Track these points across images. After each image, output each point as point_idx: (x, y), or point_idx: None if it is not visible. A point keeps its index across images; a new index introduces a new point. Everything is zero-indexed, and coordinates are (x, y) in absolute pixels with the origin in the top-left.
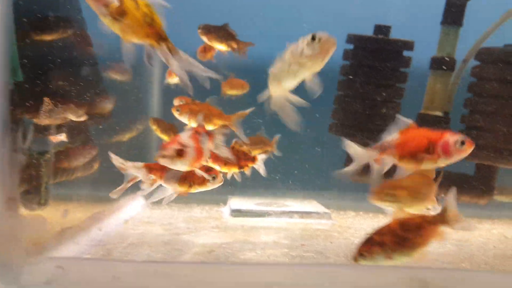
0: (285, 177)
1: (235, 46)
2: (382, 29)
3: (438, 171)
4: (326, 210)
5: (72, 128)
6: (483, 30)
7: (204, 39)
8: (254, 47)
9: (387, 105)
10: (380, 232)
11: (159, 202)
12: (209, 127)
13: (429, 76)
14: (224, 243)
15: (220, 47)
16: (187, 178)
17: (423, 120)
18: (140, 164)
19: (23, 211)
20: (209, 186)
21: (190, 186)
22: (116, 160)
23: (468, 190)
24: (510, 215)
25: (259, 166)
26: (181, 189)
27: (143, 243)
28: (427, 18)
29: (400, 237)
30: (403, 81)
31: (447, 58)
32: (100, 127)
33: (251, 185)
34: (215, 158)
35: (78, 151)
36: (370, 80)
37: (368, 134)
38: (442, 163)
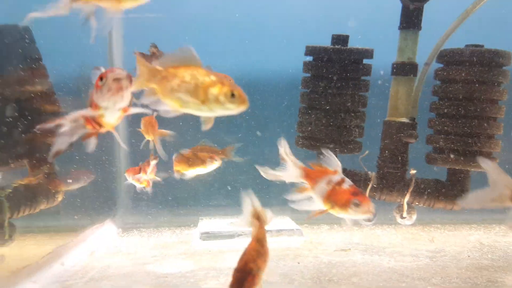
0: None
1: None
2: (340, 39)
3: (409, 178)
4: (297, 227)
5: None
6: (442, 32)
7: None
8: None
9: (351, 115)
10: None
11: (128, 228)
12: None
13: (392, 82)
14: (188, 272)
15: None
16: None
17: (389, 127)
18: (301, 164)
19: None
20: None
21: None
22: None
23: (442, 196)
24: (489, 219)
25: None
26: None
27: (103, 277)
28: (387, 24)
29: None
30: (365, 90)
31: (407, 63)
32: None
33: (222, 203)
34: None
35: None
36: (331, 91)
37: (334, 145)
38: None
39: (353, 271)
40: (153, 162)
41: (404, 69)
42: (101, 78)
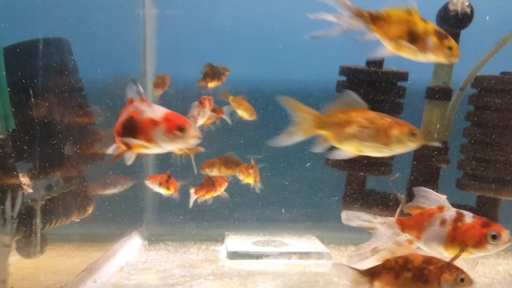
0: (281, 209)
1: None
2: (375, 60)
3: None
4: (326, 250)
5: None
6: (478, 58)
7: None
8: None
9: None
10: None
11: (154, 241)
12: None
13: (425, 106)
14: None
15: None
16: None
17: (421, 151)
18: (392, 219)
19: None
20: None
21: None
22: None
23: None
24: None
25: None
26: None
27: None
28: None
29: None
30: (398, 112)
31: (442, 87)
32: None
33: (247, 217)
34: None
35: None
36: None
37: (365, 167)
38: None
39: None
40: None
41: (438, 94)
42: (180, 129)
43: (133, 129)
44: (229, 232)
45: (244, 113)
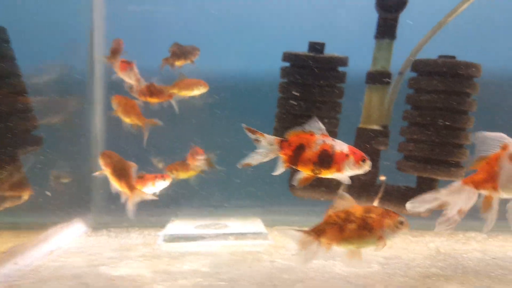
0: (230, 195)
1: None
2: (316, 46)
3: (379, 185)
4: (263, 230)
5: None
6: (417, 41)
7: None
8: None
9: (324, 121)
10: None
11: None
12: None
13: (366, 91)
14: (138, 275)
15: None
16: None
17: (362, 134)
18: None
19: None
20: None
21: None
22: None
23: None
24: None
25: None
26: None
27: (53, 278)
28: (365, 32)
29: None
30: (339, 97)
31: (381, 72)
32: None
33: (198, 204)
34: None
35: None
36: (306, 97)
37: None
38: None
39: (301, 277)
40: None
41: (377, 78)
42: (363, 160)
43: (328, 160)
44: (176, 218)
45: (195, 90)
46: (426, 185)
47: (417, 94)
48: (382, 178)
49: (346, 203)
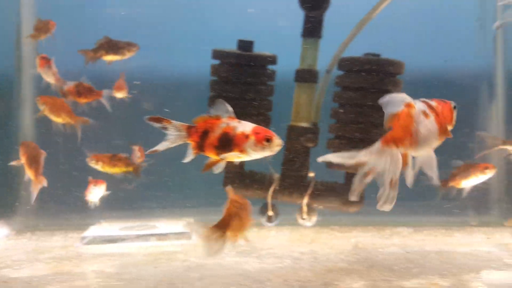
0: (164, 196)
1: None
2: (245, 44)
3: (308, 181)
4: (186, 230)
5: None
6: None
7: None
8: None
9: (256, 119)
10: None
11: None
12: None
13: (295, 88)
14: (37, 276)
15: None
16: None
17: (292, 132)
18: (376, 146)
19: None
20: None
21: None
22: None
23: (339, 199)
24: (388, 220)
25: None
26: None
27: None
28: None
29: None
30: (269, 95)
31: (308, 70)
32: None
33: (132, 206)
34: None
35: None
36: (237, 94)
37: None
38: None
39: (205, 274)
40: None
41: (305, 76)
42: (267, 140)
43: (228, 142)
44: (104, 220)
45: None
46: (352, 181)
47: (343, 92)
48: (311, 174)
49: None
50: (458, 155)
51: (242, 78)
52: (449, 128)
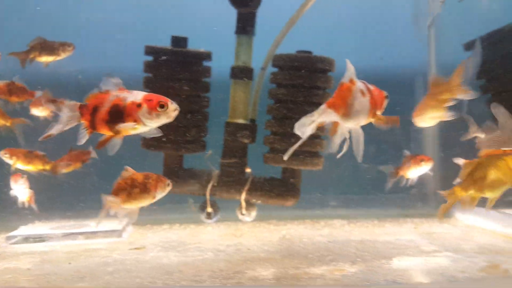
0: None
1: None
2: (179, 41)
3: (247, 177)
4: (118, 228)
5: None
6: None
7: None
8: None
9: (194, 116)
10: None
11: None
12: None
13: (231, 85)
14: None
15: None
16: None
17: (229, 128)
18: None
19: None
20: None
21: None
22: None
23: (275, 193)
24: (327, 214)
25: None
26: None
27: None
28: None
29: None
30: (205, 91)
31: (242, 67)
32: None
33: (69, 205)
34: None
35: None
36: (173, 91)
37: (177, 146)
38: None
39: (119, 268)
40: None
41: (240, 73)
42: (161, 105)
43: (120, 114)
44: (39, 220)
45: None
46: (289, 175)
47: (276, 88)
48: (248, 170)
49: (130, 172)
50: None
51: (176, 75)
52: (378, 112)
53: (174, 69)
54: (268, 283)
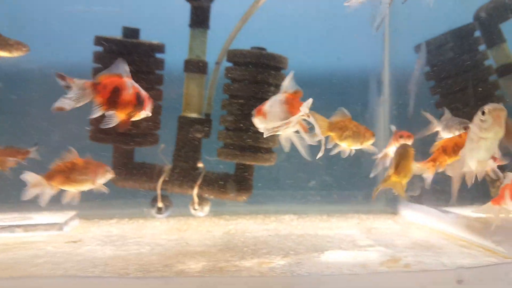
0: None
1: None
2: (130, 32)
3: (199, 172)
4: (60, 221)
5: None
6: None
7: None
8: None
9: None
10: None
11: None
12: None
13: (184, 79)
14: None
15: None
16: None
17: (182, 122)
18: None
19: None
20: None
21: None
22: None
23: (228, 188)
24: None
25: None
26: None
27: None
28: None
29: None
30: (158, 83)
31: (196, 61)
32: None
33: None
34: None
35: None
36: None
37: (126, 139)
38: None
39: (48, 260)
40: None
41: (193, 67)
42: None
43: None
44: None
45: None
46: (243, 171)
47: (230, 84)
48: (200, 165)
49: (72, 156)
50: None
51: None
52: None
53: (125, 60)
54: (192, 275)
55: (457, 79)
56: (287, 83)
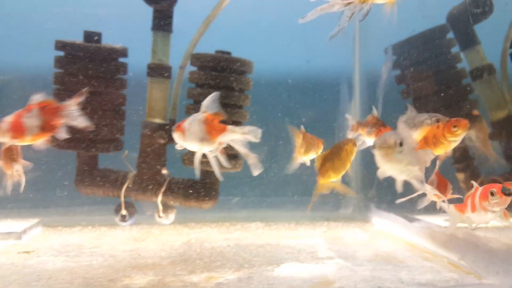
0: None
1: None
2: (92, 36)
3: (164, 179)
4: (19, 230)
5: None
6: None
7: None
8: None
9: (106, 114)
10: None
11: None
12: None
13: (148, 83)
14: None
15: None
16: None
17: (146, 128)
18: None
19: None
20: None
21: None
22: None
23: (193, 195)
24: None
25: None
26: None
27: None
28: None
29: None
30: (121, 88)
31: (159, 65)
32: None
33: None
34: None
35: None
36: (84, 88)
37: (88, 145)
38: None
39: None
40: None
41: (156, 71)
42: None
43: None
44: None
45: None
46: (207, 178)
47: (194, 88)
48: (164, 171)
49: None
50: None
51: (87, 70)
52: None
53: (86, 64)
54: None
55: (427, 82)
56: (208, 103)
